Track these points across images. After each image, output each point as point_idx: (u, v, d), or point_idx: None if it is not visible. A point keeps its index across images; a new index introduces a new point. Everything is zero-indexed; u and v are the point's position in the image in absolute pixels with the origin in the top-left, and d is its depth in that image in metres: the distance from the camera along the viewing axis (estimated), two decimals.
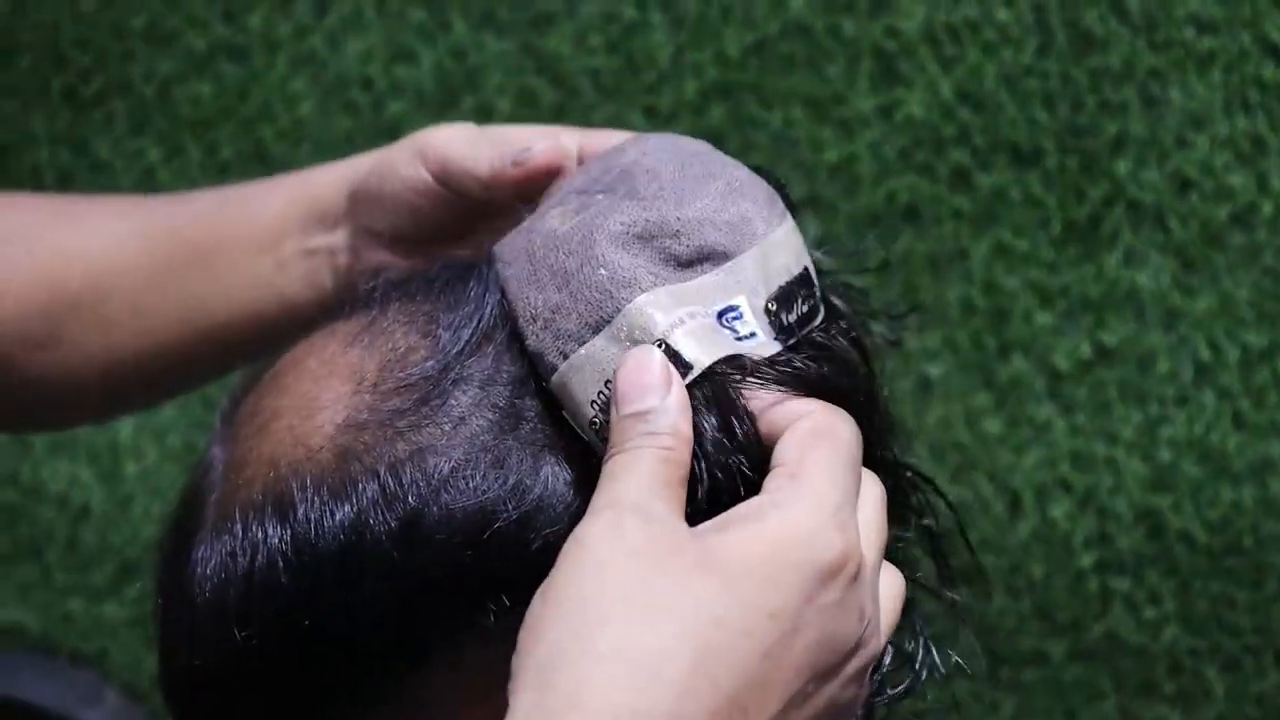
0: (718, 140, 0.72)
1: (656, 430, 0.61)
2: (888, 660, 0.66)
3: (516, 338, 0.66)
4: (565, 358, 0.64)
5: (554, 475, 0.64)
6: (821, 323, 0.67)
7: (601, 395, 0.63)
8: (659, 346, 0.63)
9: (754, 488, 0.61)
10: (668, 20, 1.30)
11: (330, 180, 0.82)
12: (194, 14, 1.35)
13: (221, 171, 1.35)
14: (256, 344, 0.83)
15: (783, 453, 0.61)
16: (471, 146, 0.76)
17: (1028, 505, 1.31)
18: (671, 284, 0.64)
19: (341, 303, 0.70)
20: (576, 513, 0.63)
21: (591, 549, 0.58)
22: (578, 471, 0.64)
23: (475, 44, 1.32)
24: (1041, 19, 1.27)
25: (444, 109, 1.33)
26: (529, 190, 0.74)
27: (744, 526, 0.59)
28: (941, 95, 1.28)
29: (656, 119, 1.30)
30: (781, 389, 0.63)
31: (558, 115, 1.31)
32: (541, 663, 0.57)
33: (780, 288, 0.66)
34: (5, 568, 1.41)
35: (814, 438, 0.61)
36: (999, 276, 1.29)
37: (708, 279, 0.65)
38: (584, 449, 0.64)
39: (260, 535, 0.64)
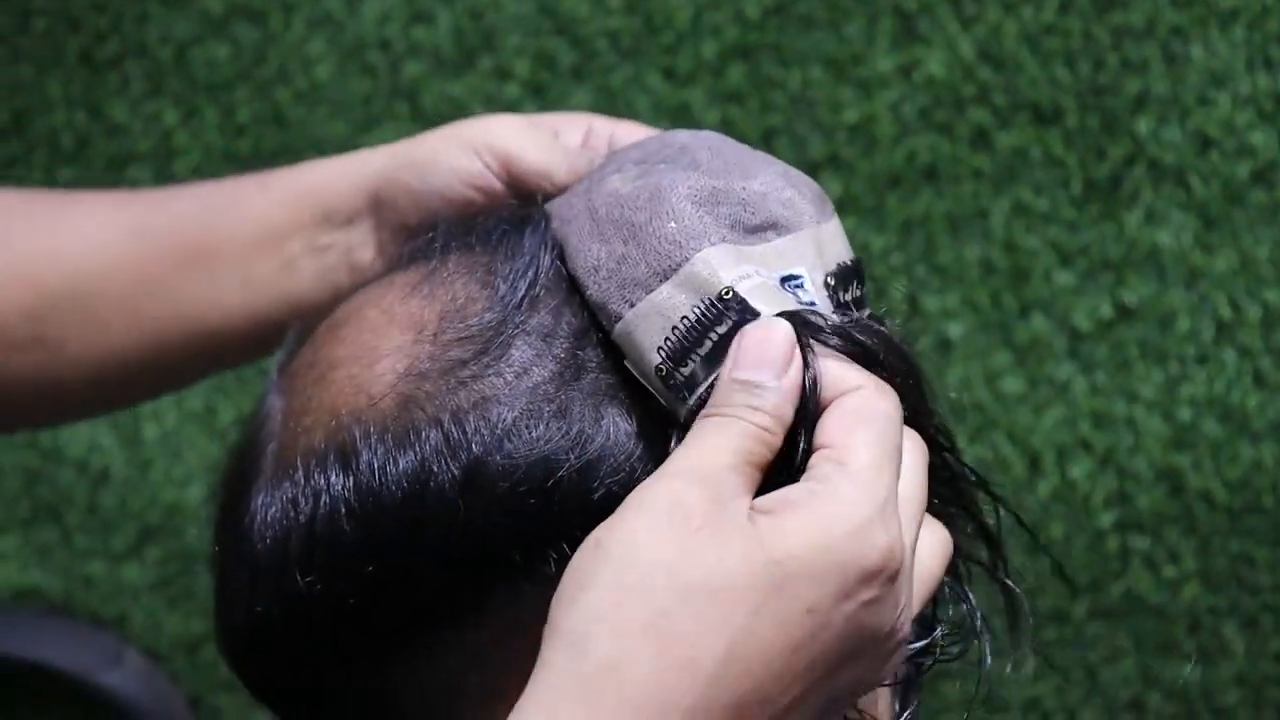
0: (737, 101, 0.74)
1: (760, 406, 0.61)
2: (940, 632, 0.67)
3: (576, 291, 0.66)
4: (631, 305, 0.64)
5: (616, 425, 0.64)
6: (869, 314, 0.68)
7: (669, 342, 0.63)
8: (725, 293, 0.63)
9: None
10: None
11: (335, 176, 0.81)
12: None
13: (239, 134, 1.35)
14: (262, 343, 0.82)
15: (829, 432, 0.61)
16: (540, 150, 0.76)
17: (1047, 465, 1.31)
18: (739, 245, 0.65)
19: (399, 253, 0.70)
20: (638, 462, 0.64)
21: (650, 512, 0.59)
22: (639, 421, 0.65)
23: (493, 5, 1.32)
24: None
25: (461, 70, 1.32)
26: None
27: (795, 515, 0.59)
28: (961, 54, 1.28)
29: (675, 80, 1.30)
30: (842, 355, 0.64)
31: (576, 76, 1.31)
32: (580, 622, 0.57)
33: (839, 265, 0.67)
34: (25, 531, 1.41)
35: (859, 419, 0.61)
36: (1019, 236, 1.29)
37: (773, 245, 0.66)
38: (645, 399, 0.64)
39: (323, 483, 0.65)
